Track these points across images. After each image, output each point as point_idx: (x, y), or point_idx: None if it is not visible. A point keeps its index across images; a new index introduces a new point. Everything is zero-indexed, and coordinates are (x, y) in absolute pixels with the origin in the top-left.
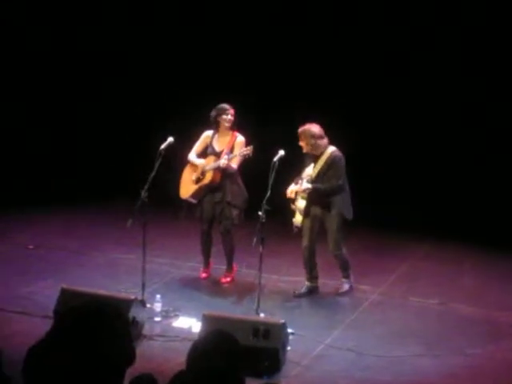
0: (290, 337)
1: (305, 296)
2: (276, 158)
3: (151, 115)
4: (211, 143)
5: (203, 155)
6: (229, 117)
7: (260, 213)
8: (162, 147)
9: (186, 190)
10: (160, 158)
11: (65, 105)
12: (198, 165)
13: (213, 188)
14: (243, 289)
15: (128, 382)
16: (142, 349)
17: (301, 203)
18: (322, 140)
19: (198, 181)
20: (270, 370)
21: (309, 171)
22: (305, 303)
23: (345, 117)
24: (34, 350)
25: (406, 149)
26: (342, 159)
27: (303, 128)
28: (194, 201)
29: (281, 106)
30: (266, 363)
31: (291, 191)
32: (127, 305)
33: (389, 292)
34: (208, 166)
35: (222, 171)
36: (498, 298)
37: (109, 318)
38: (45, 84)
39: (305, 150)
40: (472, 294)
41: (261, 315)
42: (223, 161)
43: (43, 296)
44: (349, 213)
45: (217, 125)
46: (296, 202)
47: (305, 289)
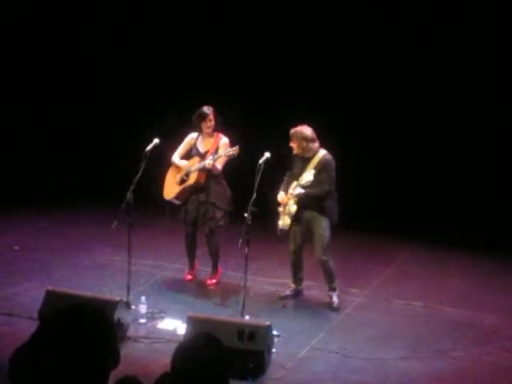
0: (276, 339)
1: (289, 298)
2: (262, 160)
3: (137, 116)
4: (195, 145)
5: (187, 157)
6: (208, 124)
7: (246, 214)
8: (148, 149)
9: (170, 191)
10: (145, 160)
11: (54, 106)
12: (182, 166)
13: (197, 189)
14: (228, 291)
15: None
16: (127, 351)
17: (292, 207)
18: (314, 143)
19: (183, 182)
20: (255, 373)
21: (308, 177)
22: (290, 306)
23: (332, 118)
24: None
25: (394, 151)
26: (333, 163)
27: (295, 130)
28: (178, 202)
29: (268, 107)
30: (251, 365)
31: (286, 197)
32: (112, 307)
33: (374, 295)
34: (193, 167)
35: (207, 172)
36: (484, 301)
37: (93, 321)
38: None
39: (295, 152)
40: (457, 297)
41: (246, 317)
42: (209, 161)
43: (28, 297)
44: (334, 217)
45: (199, 129)
46: (287, 206)
47: (290, 291)
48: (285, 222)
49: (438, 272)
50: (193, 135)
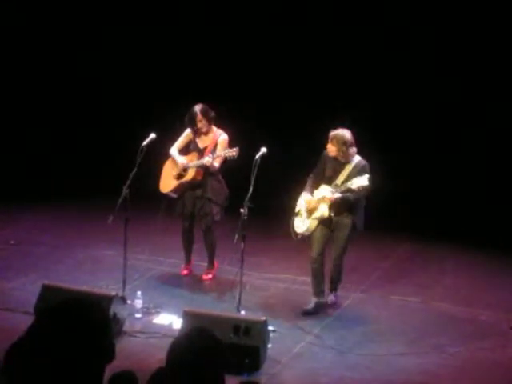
0: (271, 334)
1: (313, 313)
2: (258, 156)
3: (133, 111)
4: (194, 139)
5: (185, 150)
6: (199, 124)
7: (242, 210)
8: (145, 143)
9: (167, 185)
10: (142, 155)
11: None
12: (180, 163)
13: (194, 185)
14: (224, 286)
15: (108, 379)
16: (123, 345)
17: (325, 212)
18: (353, 148)
19: (180, 177)
20: (251, 368)
21: (362, 182)
22: (286, 300)
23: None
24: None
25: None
26: (369, 168)
27: (336, 133)
28: (174, 195)
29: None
30: (247, 360)
31: (315, 201)
32: (108, 301)
33: (371, 290)
34: (192, 164)
35: (205, 169)
36: (480, 297)
37: (89, 315)
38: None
39: (332, 155)
40: (454, 293)
41: (242, 312)
42: (208, 159)
43: (24, 292)
44: (361, 224)
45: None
46: (315, 210)
47: (312, 305)
48: (310, 227)
49: (435, 268)
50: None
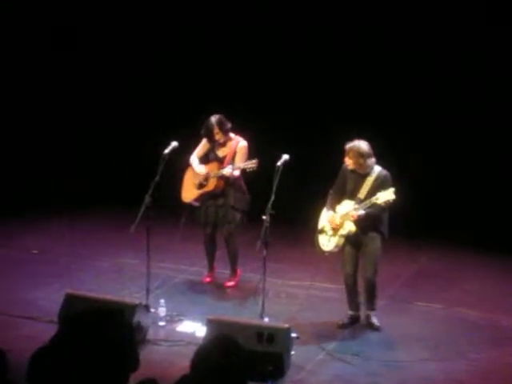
0: (295, 341)
1: (348, 327)
2: (280, 163)
3: (156, 119)
4: (213, 149)
5: (205, 158)
6: (216, 136)
7: (264, 217)
8: (166, 151)
9: (189, 194)
10: (164, 163)
11: (68, 108)
12: (200, 173)
13: (215, 195)
14: (247, 293)
15: None
16: (146, 353)
17: (351, 228)
18: (371, 159)
19: (201, 186)
20: (275, 375)
21: (387, 196)
22: (309, 308)
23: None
24: (38, 356)
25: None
26: (390, 178)
27: (352, 145)
28: (197, 204)
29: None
30: (270, 368)
31: (339, 218)
32: (131, 310)
33: (394, 297)
34: (212, 173)
35: (226, 178)
36: (503, 302)
37: (113, 324)
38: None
39: (351, 168)
40: (476, 299)
41: (265, 319)
42: (228, 170)
43: (48, 301)
44: (387, 232)
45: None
46: (341, 227)
47: (348, 319)
48: (338, 243)
49: (457, 274)
50: None
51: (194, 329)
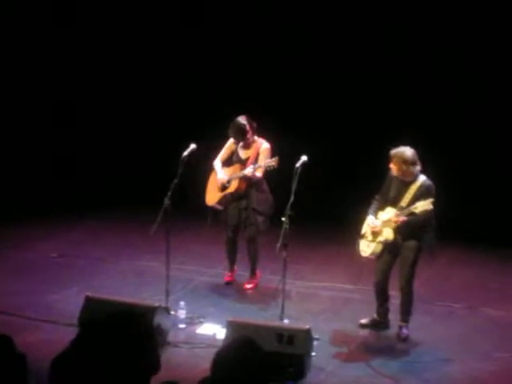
0: (315, 342)
1: (370, 328)
2: (299, 164)
3: (176, 122)
4: (236, 150)
5: (228, 162)
6: (248, 136)
7: (283, 219)
8: (185, 154)
9: (212, 197)
10: (183, 165)
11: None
12: (220, 179)
13: (238, 196)
14: (267, 295)
15: None
16: (167, 356)
17: (389, 235)
18: (415, 167)
19: (224, 189)
20: (295, 376)
21: (423, 206)
22: (329, 308)
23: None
24: (60, 359)
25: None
26: (434, 189)
27: (396, 151)
28: (220, 207)
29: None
30: (291, 369)
31: (380, 224)
32: (152, 312)
33: (415, 296)
34: (234, 175)
35: (248, 180)
36: None
37: (134, 327)
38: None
39: (395, 174)
40: (498, 298)
41: (285, 321)
42: (249, 170)
43: (68, 304)
44: (428, 247)
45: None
46: (380, 234)
47: (370, 321)
48: (375, 250)
49: (479, 273)
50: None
51: (214, 331)
